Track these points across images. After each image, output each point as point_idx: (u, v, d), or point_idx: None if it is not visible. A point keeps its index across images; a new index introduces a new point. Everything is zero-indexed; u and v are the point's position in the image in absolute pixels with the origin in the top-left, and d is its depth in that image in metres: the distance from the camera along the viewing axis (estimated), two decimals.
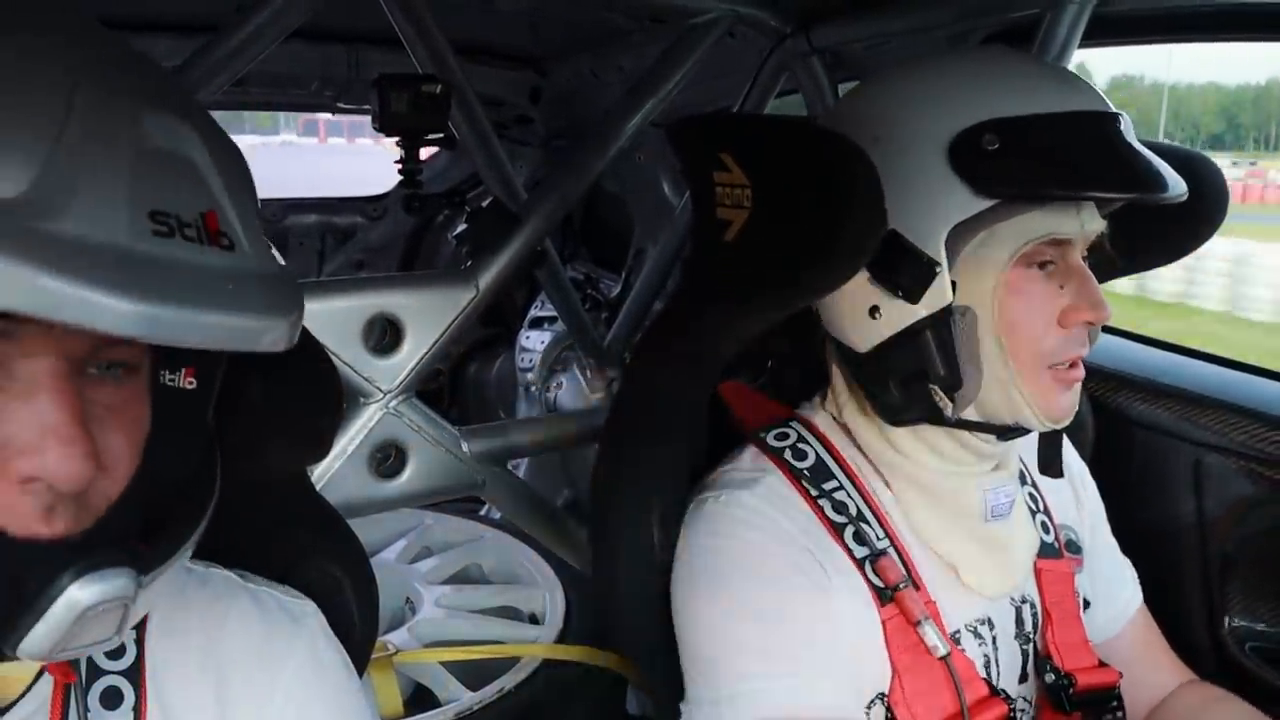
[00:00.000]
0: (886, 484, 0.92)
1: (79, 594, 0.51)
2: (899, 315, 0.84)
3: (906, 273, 0.82)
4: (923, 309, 0.82)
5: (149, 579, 0.56)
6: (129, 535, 0.56)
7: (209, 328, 0.47)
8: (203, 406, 0.63)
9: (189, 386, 0.61)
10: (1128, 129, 0.83)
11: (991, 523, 0.91)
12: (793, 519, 0.87)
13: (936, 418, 0.86)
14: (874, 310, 0.85)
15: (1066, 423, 0.89)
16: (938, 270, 0.81)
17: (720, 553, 0.86)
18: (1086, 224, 0.84)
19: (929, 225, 0.81)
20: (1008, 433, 0.88)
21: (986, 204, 0.80)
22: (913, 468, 0.90)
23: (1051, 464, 0.95)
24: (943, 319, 0.82)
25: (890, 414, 0.89)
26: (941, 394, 0.84)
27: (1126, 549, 1.10)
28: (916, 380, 0.84)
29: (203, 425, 0.63)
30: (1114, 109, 0.84)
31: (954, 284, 0.83)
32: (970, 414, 0.87)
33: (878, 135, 0.84)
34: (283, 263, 0.58)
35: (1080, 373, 0.86)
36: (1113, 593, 1.06)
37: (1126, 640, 1.03)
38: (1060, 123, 0.81)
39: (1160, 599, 1.11)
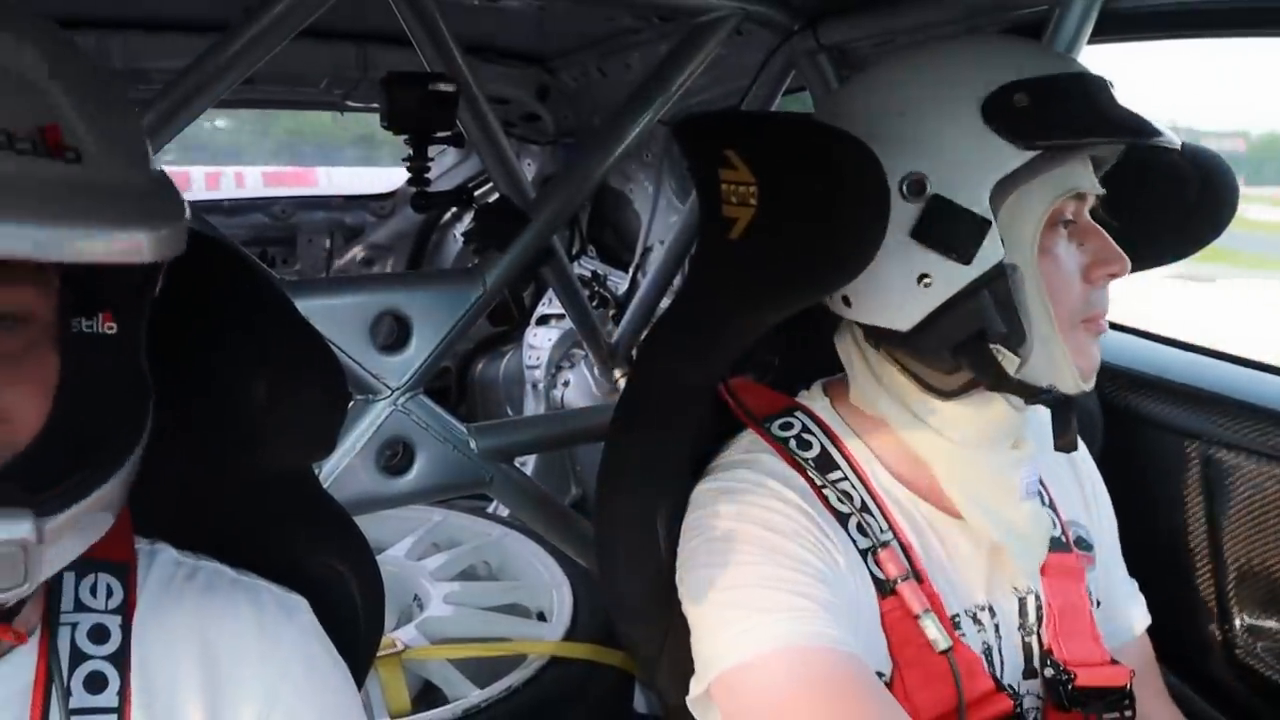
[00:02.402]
0: (892, 474, 0.92)
1: None
2: (952, 279, 0.84)
3: (957, 233, 0.83)
4: (975, 269, 0.83)
5: (56, 525, 0.54)
6: (37, 484, 0.55)
7: (45, 241, 0.45)
8: (129, 350, 0.60)
9: (109, 331, 0.59)
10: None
11: (1025, 501, 0.92)
12: (794, 488, 0.87)
13: (999, 380, 0.87)
14: (923, 278, 0.85)
15: (1092, 384, 0.90)
16: (987, 227, 0.83)
17: (722, 517, 0.86)
18: (1096, 182, 0.89)
19: (973, 184, 0.83)
20: (1036, 396, 0.89)
21: (1028, 157, 0.83)
22: (957, 450, 0.90)
23: (1066, 435, 0.94)
24: (998, 275, 0.84)
25: (945, 385, 0.89)
26: (1006, 351, 0.85)
27: (1138, 547, 1.09)
28: (975, 342, 0.85)
29: (132, 371, 0.61)
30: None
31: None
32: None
33: (904, 111, 0.86)
34: (176, 188, 0.56)
35: (1105, 324, 0.90)
36: (1116, 610, 1.05)
37: (1125, 662, 1.01)
38: (1073, 81, 0.86)
39: (1171, 597, 1.10)
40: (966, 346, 0.86)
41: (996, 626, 0.92)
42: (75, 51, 0.55)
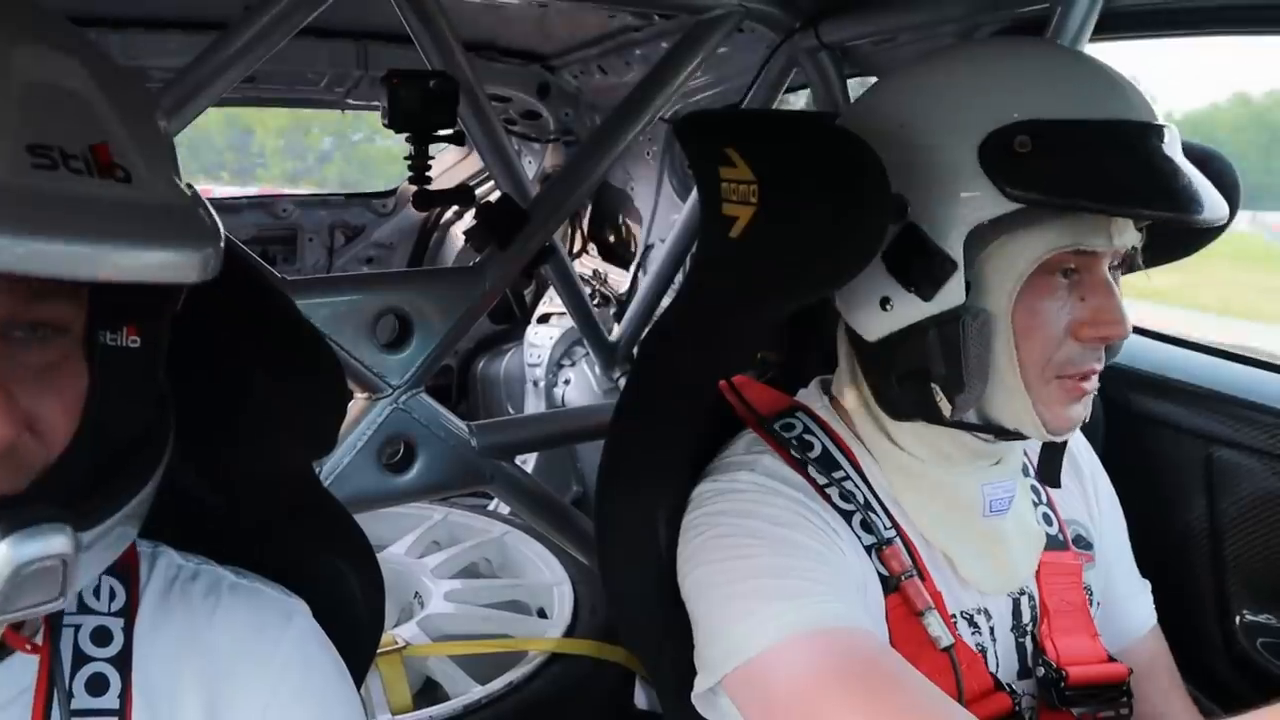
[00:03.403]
0: (886, 475, 0.92)
1: (11, 551, 0.50)
2: (909, 310, 0.83)
3: (921, 269, 0.81)
4: (934, 307, 0.81)
5: (90, 538, 0.55)
6: (69, 496, 0.55)
7: (95, 260, 0.46)
8: (149, 365, 0.61)
9: (132, 345, 0.59)
10: (1172, 142, 0.81)
11: (989, 518, 0.91)
12: (796, 487, 0.87)
13: (934, 417, 0.85)
14: (885, 302, 0.84)
15: (1066, 436, 0.88)
16: (952, 270, 0.80)
17: (723, 514, 0.86)
18: (1117, 237, 0.81)
19: (950, 223, 0.80)
20: (1007, 435, 0.87)
21: (1011, 208, 0.79)
22: (909, 461, 0.90)
23: (1050, 473, 0.95)
24: (952, 319, 0.81)
25: (891, 408, 0.89)
26: (942, 394, 0.83)
27: (1139, 544, 1.09)
28: (918, 378, 0.84)
29: (151, 384, 0.62)
30: (1159, 120, 0.81)
31: (972, 284, 0.81)
32: (969, 416, 0.86)
33: (906, 127, 0.83)
34: (207, 204, 0.56)
35: (1093, 385, 0.85)
36: (1123, 608, 1.04)
37: (1132, 660, 1.00)
38: (1098, 130, 0.78)
39: (1172, 593, 1.10)
40: (910, 379, 0.85)
41: (992, 629, 0.92)
42: (119, 69, 0.55)
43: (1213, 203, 0.79)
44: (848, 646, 0.77)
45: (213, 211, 0.56)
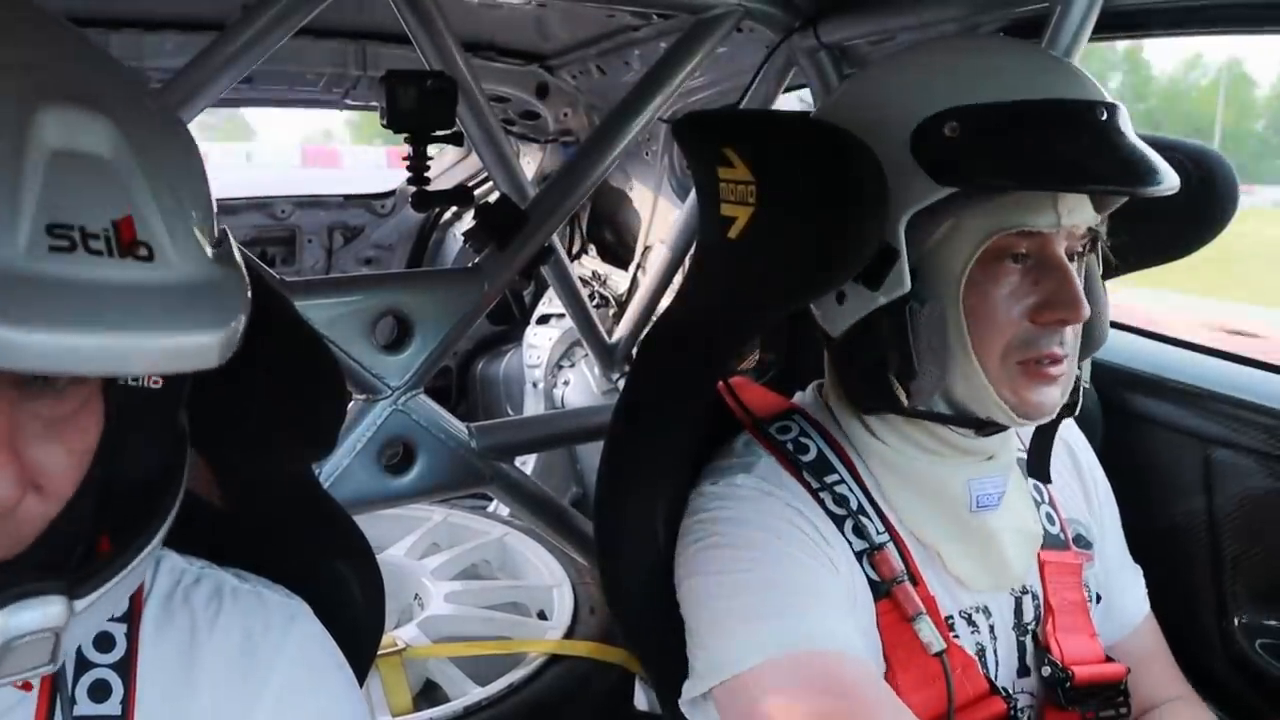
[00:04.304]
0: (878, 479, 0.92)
1: (2, 623, 0.49)
2: (862, 302, 0.84)
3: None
4: (883, 297, 0.82)
5: (85, 604, 0.53)
6: (69, 554, 0.53)
7: (113, 354, 0.43)
8: (171, 406, 0.59)
9: (154, 386, 0.57)
10: (1122, 120, 0.81)
11: (977, 513, 0.90)
12: (791, 491, 0.87)
13: (896, 407, 0.85)
14: (840, 296, 0.85)
15: (1042, 420, 0.87)
16: (894, 259, 0.80)
17: (720, 521, 0.86)
18: (1066, 216, 0.81)
19: (890, 212, 0.80)
20: (985, 427, 0.87)
21: (944, 192, 0.79)
22: (893, 456, 0.90)
23: (1039, 467, 0.94)
24: (900, 308, 0.82)
25: (858, 402, 0.89)
26: (898, 384, 0.83)
27: (1136, 544, 1.09)
28: (877, 369, 0.84)
29: (170, 425, 0.60)
30: (1106, 98, 0.81)
31: (920, 272, 0.82)
32: (940, 406, 0.87)
33: (850, 123, 0.83)
34: (237, 260, 0.53)
35: (1060, 369, 0.84)
36: (1119, 600, 1.05)
37: (1128, 649, 1.02)
38: (1029, 110, 0.78)
39: (1169, 594, 1.10)
40: (870, 371, 0.85)
41: (991, 628, 0.92)
42: (153, 121, 0.52)
43: (1163, 173, 0.78)
44: (830, 670, 0.78)
45: (242, 269, 0.53)
